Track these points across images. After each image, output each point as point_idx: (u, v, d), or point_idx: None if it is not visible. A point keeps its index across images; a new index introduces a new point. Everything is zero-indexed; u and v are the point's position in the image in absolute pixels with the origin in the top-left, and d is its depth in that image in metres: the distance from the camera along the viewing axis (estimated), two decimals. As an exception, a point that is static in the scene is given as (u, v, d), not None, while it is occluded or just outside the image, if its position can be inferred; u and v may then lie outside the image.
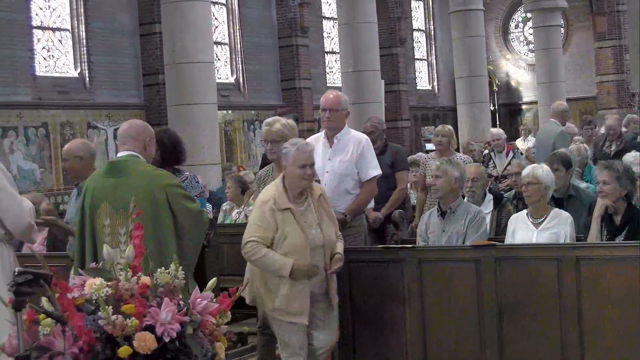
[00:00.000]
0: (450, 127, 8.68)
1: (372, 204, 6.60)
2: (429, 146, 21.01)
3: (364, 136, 6.35)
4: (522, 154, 12.33)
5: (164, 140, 5.69)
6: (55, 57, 15.01)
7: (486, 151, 12.70)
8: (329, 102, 6.23)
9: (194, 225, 4.69)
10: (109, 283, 3.28)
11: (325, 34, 20.97)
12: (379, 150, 7.74)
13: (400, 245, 6.03)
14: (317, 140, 6.25)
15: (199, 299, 3.36)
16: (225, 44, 18.24)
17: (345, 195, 6.05)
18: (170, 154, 5.71)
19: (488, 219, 6.47)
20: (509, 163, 10.72)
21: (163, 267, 3.39)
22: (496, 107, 24.32)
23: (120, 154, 4.75)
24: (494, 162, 11.33)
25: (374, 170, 6.16)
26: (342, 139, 6.16)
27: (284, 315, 5.11)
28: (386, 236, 7.47)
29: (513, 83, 25.71)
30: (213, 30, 14.54)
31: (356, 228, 6.10)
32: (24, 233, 5.02)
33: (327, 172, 6.11)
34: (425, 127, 23.13)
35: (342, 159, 6.08)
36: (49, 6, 14.97)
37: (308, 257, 5.07)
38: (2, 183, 4.85)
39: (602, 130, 11.59)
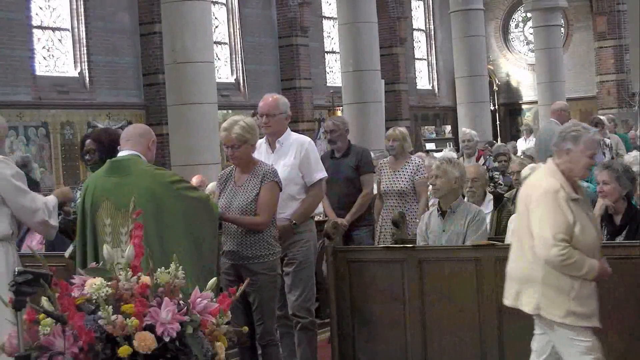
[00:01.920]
0: (402, 129, 7.97)
1: (320, 209, 6.24)
2: (429, 146, 21.03)
3: (307, 139, 6.07)
4: (494, 161, 10.95)
5: (101, 138, 5.65)
6: (55, 56, 15.02)
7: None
8: (265, 107, 5.90)
9: (204, 212, 4.70)
10: (109, 283, 3.28)
11: (325, 34, 20.97)
12: (341, 152, 7.46)
13: (401, 245, 6.03)
14: (259, 146, 5.87)
15: (199, 299, 3.36)
16: (225, 43, 18.24)
17: (291, 201, 5.75)
18: (108, 153, 5.50)
19: (488, 219, 6.47)
20: None
21: (168, 266, 3.39)
22: (496, 106, 24.32)
23: (121, 153, 4.76)
24: None
25: (319, 173, 5.89)
26: (284, 143, 5.89)
27: (579, 319, 4.38)
28: (352, 243, 7.20)
29: (513, 83, 25.70)
30: (213, 30, 14.53)
31: (304, 234, 5.80)
32: (39, 230, 5.15)
33: None
34: (426, 127, 23.13)
35: (285, 163, 5.80)
36: (49, 6, 14.97)
37: (598, 255, 4.46)
38: (16, 184, 4.93)
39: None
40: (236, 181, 5.43)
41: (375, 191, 7.82)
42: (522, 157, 11.32)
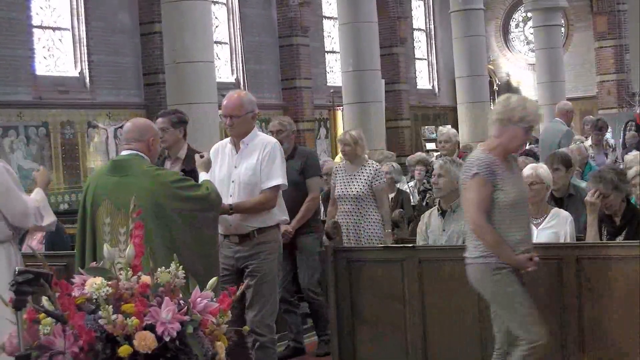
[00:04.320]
0: (353, 133, 7.42)
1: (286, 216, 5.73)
2: (430, 146, 21.01)
3: (272, 139, 5.65)
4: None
5: None
6: (56, 56, 15.01)
7: (433, 158, 10.52)
8: (229, 108, 5.41)
9: (205, 209, 4.70)
10: (109, 282, 3.28)
11: (325, 34, 20.97)
12: (286, 154, 6.63)
13: (401, 245, 6.03)
14: (224, 146, 5.57)
15: (199, 298, 3.36)
16: (226, 43, 18.24)
17: None
18: None
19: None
20: None
21: (172, 266, 3.39)
22: (496, 106, 24.29)
23: (123, 152, 4.76)
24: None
25: (277, 179, 5.37)
26: (249, 143, 5.44)
27: None
28: (297, 250, 6.82)
29: (513, 82, 25.69)
30: (213, 30, 14.53)
31: (268, 245, 5.41)
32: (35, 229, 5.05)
33: (232, 181, 5.42)
34: (426, 127, 23.14)
35: (247, 165, 5.38)
36: (49, 5, 14.97)
37: None
38: (9, 185, 4.86)
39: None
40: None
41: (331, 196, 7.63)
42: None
